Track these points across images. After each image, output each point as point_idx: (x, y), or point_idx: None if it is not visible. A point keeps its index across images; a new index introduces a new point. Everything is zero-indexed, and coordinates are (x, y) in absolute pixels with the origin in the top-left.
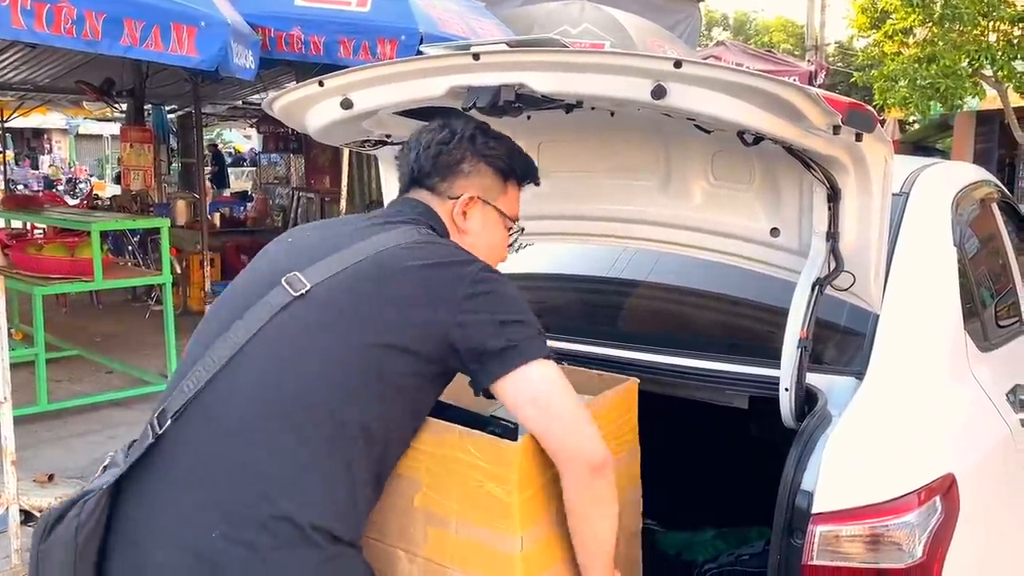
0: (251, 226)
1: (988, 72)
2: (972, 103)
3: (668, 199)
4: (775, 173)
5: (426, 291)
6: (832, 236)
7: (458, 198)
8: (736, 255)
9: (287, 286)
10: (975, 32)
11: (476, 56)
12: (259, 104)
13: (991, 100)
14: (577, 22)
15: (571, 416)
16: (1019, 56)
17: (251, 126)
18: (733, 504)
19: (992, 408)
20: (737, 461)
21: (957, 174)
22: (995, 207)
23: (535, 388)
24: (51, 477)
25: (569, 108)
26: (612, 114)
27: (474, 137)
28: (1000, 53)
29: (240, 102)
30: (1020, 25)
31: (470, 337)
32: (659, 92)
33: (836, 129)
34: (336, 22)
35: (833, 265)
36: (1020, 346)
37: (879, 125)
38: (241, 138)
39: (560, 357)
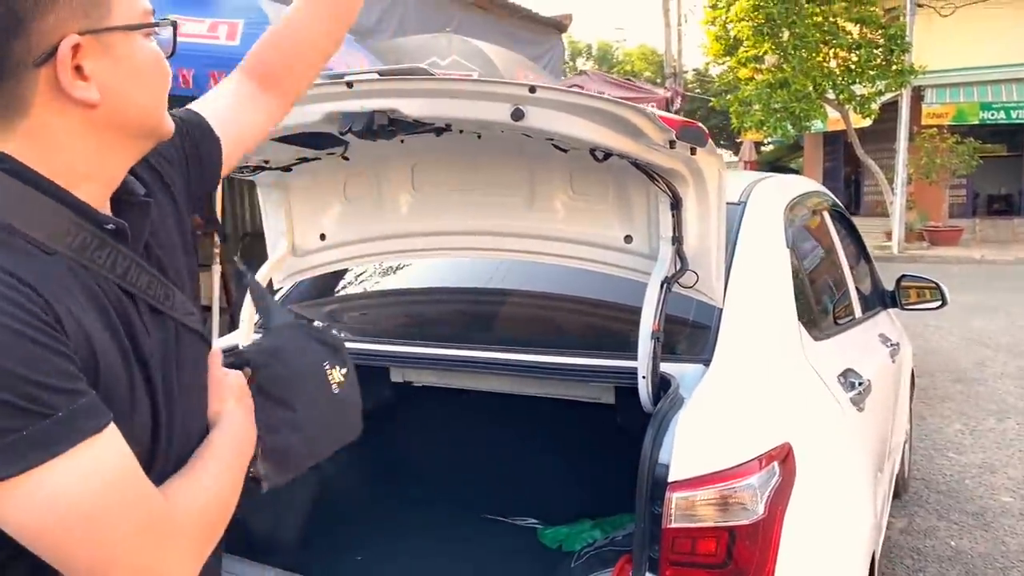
0: None
1: (831, 96)
2: (819, 125)
3: (533, 213)
4: (626, 186)
5: None
6: (677, 240)
7: (53, 55)
8: (596, 261)
9: None
10: (818, 59)
11: (350, 84)
12: None
13: (835, 122)
14: (445, 54)
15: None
16: (857, 80)
17: None
18: (607, 496)
19: (824, 388)
20: (609, 456)
21: (789, 186)
22: (826, 214)
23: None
24: None
25: (439, 131)
26: (479, 136)
27: None
28: (840, 78)
29: None
30: (856, 52)
31: None
32: (517, 115)
33: (672, 144)
34: (206, 56)
35: (679, 265)
36: (851, 336)
37: (710, 140)
38: None
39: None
